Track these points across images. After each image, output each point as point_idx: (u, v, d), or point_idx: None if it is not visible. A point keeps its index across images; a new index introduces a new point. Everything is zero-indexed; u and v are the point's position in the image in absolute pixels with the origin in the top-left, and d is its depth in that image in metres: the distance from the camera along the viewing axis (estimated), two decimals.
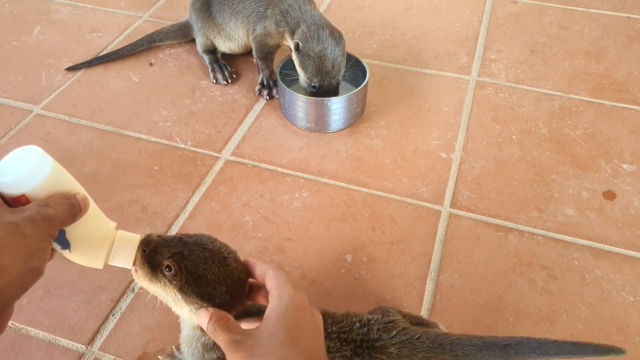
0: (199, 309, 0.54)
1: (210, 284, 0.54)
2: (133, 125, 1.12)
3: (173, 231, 0.92)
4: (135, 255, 0.55)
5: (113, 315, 0.81)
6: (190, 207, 0.96)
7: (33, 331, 0.79)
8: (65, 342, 0.78)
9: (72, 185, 0.52)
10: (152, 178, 1.02)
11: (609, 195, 0.99)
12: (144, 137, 1.10)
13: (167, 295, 0.55)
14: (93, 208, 0.53)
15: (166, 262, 0.54)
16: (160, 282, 0.55)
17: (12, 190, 0.48)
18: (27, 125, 1.12)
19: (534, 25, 1.42)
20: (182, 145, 1.08)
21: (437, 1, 1.51)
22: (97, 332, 0.79)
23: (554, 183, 1.01)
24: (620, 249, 0.90)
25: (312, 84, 1.06)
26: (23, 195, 0.48)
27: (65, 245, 0.52)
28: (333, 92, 1.07)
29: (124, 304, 0.82)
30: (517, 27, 1.41)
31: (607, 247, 0.90)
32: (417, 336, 0.63)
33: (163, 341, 0.78)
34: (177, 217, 0.95)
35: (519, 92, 1.21)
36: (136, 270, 0.56)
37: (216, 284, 0.54)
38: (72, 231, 0.51)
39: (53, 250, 0.52)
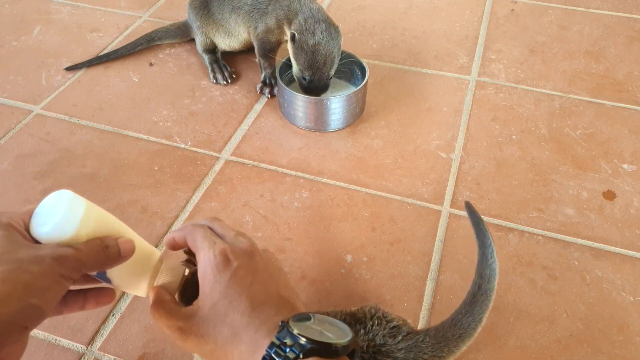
0: None
1: None
2: (133, 125, 1.12)
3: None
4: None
5: (113, 315, 0.81)
6: (190, 207, 0.96)
7: (33, 331, 0.79)
8: (65, 342, 0.78)
9: (114, 226, 0.50)
10: (152, 178, 1.02)
11: (609, 195, 0.99)
12: (144, 137, 1.10)
13: None
14: (138, 248, 0.51)
15: None
16: None
17: (55, 240, 0.46)
18: (27, 125, 1.12)
19: (534, 25, 1.42)
20: (182, 145, 1.08)
21: (437, 1, 1.51)
22: (97, 332, 0.79)
23: (554, 183, 1.01)
24: (620, 249, 0.90)
25: (303, 76, 1.07)
26: None
27: (107, 281, 0.51)
28: (323, 86, 1.07)
29: (124, 304, 0.82)
30: (517, 27, 1.41)
31: (607, 247, 0.90)
32: (421, 339, 0.64)
33: (163, 341, 0.78)
34: (177, 217, 0.95)
35: (519, 92, 1.21)
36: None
37: None
38: (113, 273, 0.50)
39: (83, 300, 0.51)
